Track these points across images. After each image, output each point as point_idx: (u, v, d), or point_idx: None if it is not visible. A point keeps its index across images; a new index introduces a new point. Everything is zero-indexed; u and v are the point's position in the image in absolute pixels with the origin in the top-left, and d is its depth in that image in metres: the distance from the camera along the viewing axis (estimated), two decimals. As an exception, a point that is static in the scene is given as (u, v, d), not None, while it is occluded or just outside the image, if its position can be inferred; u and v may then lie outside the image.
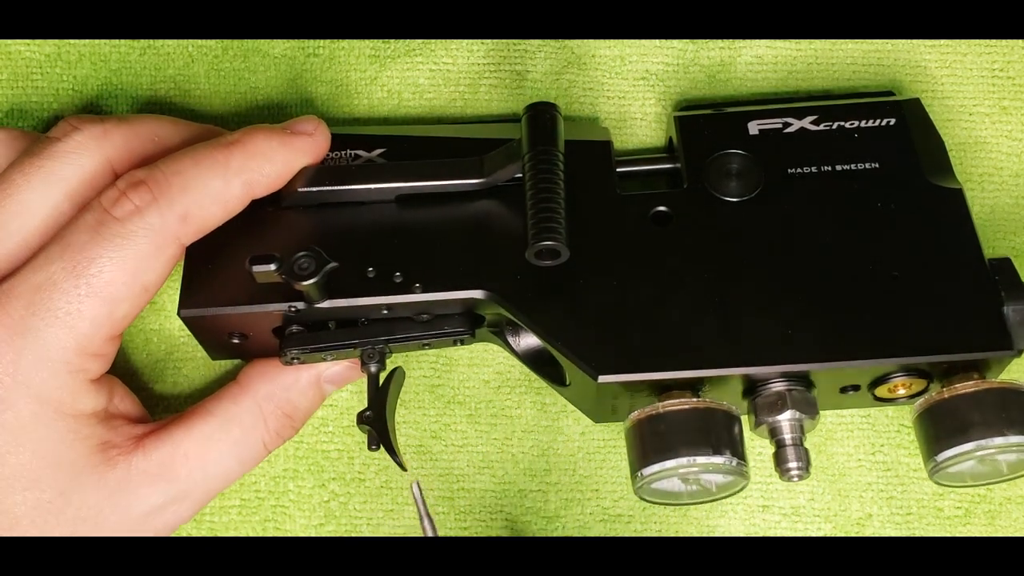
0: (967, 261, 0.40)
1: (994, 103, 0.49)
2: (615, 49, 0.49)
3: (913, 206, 0.42)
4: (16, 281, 0.37)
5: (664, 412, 0.38)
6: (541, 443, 0.45)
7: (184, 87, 0.49)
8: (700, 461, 0.38)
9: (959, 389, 0.38)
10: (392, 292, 0.40)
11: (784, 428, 0.40)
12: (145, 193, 0.38)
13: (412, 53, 0.49)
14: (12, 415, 0.37)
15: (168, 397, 0.46)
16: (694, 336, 0.40)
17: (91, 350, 0.38)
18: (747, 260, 0.41)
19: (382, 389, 0.41)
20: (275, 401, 0.42)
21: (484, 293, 0.40)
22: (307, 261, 0.38)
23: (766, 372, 0.39)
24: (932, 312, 0.39)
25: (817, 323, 0.39)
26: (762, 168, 0.43)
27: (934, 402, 0.39)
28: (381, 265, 0.41)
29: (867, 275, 0.40)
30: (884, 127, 0.44)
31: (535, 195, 0.40)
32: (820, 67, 0.49)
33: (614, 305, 0.40)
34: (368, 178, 0.42)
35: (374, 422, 0.40)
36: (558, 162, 0.40)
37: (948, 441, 0.38)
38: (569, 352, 0.39)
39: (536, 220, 0.39)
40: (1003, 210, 0.48)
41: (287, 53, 0.49)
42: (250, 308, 0.40)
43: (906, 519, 0.44)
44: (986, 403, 0.38)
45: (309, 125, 0.42)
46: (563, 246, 0.39)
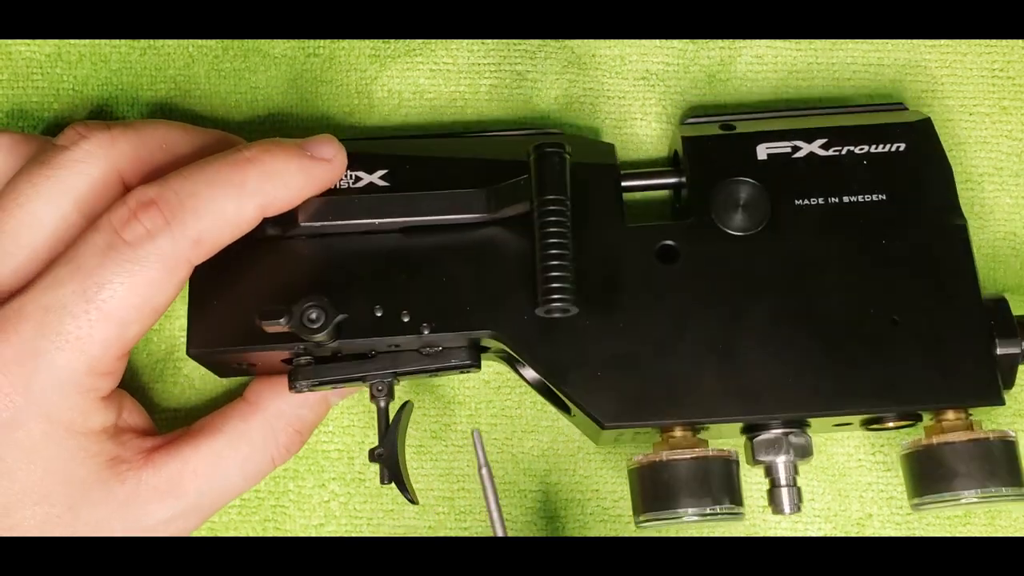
0: (964, 304, 0.41)
1: (994, 103, 0.49)
2: (615, 49, 0.49)
3: (917, 244, 0.42)
4: (26, 300, 0.37)
5: (667, 461, 0.39)
6: (541, 443, 0.45)
7: (184, 87, 0.49)
8: (702, 511, 0.39)
9: (946, 437, 0.39)
10: (400, 332, 0.40)
11: (779, 469, 0.41)
12: (157, 216, 0.37)
13: (412, 53, 0.49)
14: (24, 434, 0.37)
15: (168, 397, 0.46)
16: (696, 384, 0.40)
17: (101, 370, 0.38)
18: (751, 301, 0.41)
19: (392, 425, 0.41)
20: (286, 418, 0.42)
21: (491, 333, 0.40)
22: (316, 312, 0.38)
23: (765, 419, 0.40)
24: (928, 360, 0.40)
25: (817, 372, 0.40)
26: (769, 199, 0.42)
27: (921, 447, 0.40)
28: (388, 303, 0.40)
29: (868, 319, 0.41)
30: (893, 153, 0.43)
31: (544, 250, 0.39)
32: (820, 67, 0.49)
33: (619, 350, 0.40)
34: (373, 212, 0.42)
35: (385, 459, 0.40)
36: (566, 212, 0.40)
37: (931, 487, 0.39)
38: (575, 400, 0.40)
39: (545, 279, 0.39)
40: (1003, 210, 0.48)
41: (287, 53, 0.49)
42: (260, 349, 0.40)
43: (906, 519, 0.44)
44: (971, 454, 0.39)
45: (329, 150, 0.40)
46: (572, 306, 0.39)
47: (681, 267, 0.42)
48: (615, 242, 0.42)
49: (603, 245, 0.42)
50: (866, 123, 0.44)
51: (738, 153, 0.43)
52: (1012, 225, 0.48)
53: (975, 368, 0.40)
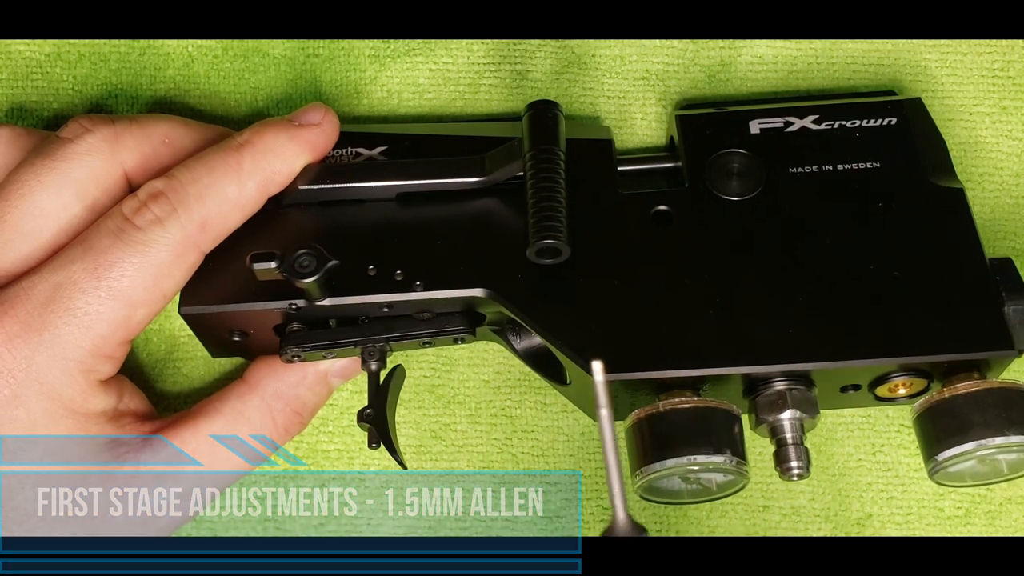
0: (968, 261, 0.40)
1: (994, 103, 0.49)
2: (615, 49, 0.49)
3: (914, 206, 0.42)
4: (35, 279, 0.37)
5: (665, 411, 0.38)
6: (541, 443, 0.45)
7: (184, 87, 0.49)
8: (700, 460, 0.38)
9: (959, 389, 0.38)
10: (393, 290, 0.40)
11: (785, 427, 0.40)
12: (165, 204, 0.38)
13: (412, 53, 0.49)
14: (24, 412, 0.37)
15: (169, 396, 0.46)
16: (694, 335, 0.40)
17: (105, 352, 0.38)
18: (748, 259, 0.41)
19: (382, 387, 0.41)
20: (284, 399, 0.42)
21: (484, 291, 0.40)
22: (307, 259, 0.38)
23: (767, 371, 0.39)
24: (933, 312, 0.39)
25: (818, 322, 0.39)
26: (763, 167, 0.43)
27: (934, 402, 0.39)
28: (382, 263, 0.41)
29: (868, 275, 0.40)
30: (885, 127, 0.44)
31: (536, 193, 0.40)
32: (820, 67, 0.49)
33: (614, 304, 0.40)
34: (369, 176, 0.42)
35: (375, 420, 0.40)
36: (559, 161, 0.40)
37: (948, 441, 0.38)
38: (569, 351, 0.39)
39: (537, 219, 0.39)
40: (1003, 210, 0.48)
41: (287, 53, 0.49)
42: (251, 306, 0.40)
43: (906, 519, 0.44)
44: (986, 403, 0.38)
45: (316, 114, 0.42)
46: (564, 244, 0.39)
47: (677, 229, 0.42)
48: (610, 206, 0.42)
49: (598, 209, 0.42)
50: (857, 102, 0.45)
51: (731, 128, 0.44)
52: (1013, 225, 0.48)
53: (983, 318, 0.39)
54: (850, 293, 0.40)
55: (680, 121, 0.45)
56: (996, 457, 0.38)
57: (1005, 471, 0.40)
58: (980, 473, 0.40)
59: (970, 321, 0.39)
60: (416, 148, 0.44)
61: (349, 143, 0.44)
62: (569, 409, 0.45)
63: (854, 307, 0.40)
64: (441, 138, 0.44)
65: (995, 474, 0.40)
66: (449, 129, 0.46)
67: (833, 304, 0.40)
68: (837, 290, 0.40)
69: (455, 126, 0.47)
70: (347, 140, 0.44)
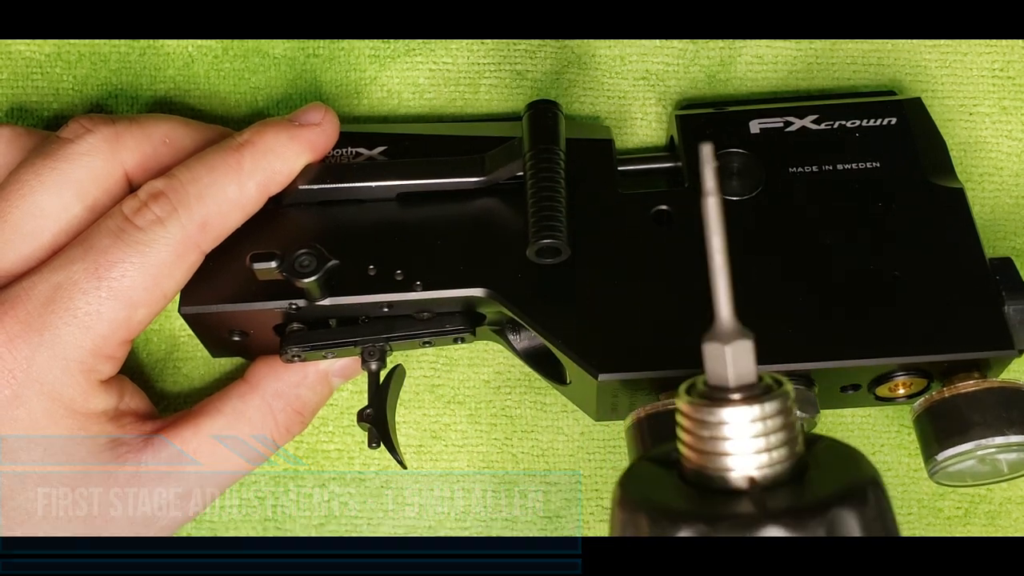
0: (968, 261, 0.41)
1: (994, 103, 0.49)
2: (615, 49, 0.49)
3: (914, 206, 0.42)
4: (36, 280, 0.38)
5: (665, 411, 0.38)
6: (541, 443, 0.45)
7: (184, 87, 0.49)
8: None
9: (959, 388, 0.38)
10: (393, 290, 0.40)
11: None
12: (165, 203, 0.38)
13: (412, 53, 0.49)
14: (25, 412, 0.37)
15: (169, 396, 0.46)
16: (694, 335, 0.40)
17: (106, 352, 0.38)
18: (748, 259, 0.41)
19: (382, 387, 0.41)
20: (285, 398, 0.42)
21: (484, 291, 0.40)
22: (308, 258, 0.38)
23: (766, 371, 0.39)
24: (933, 311, 0.39)
25: (818, 322, 0.40)
26: (763, 167, 0.43)
27: (934, 402, 0.39)
28: (382, 263, 0.41)
29: (868, 274, 0.40)
30: (885, 126, 0.44)
31: (536, 193, 0.40)
32: (820, 67, 0.49)
33: (614, 304, 0.40)
34: (369, 176, 0.42)
35: (375, 420, 0.40)
36: (559, 160, 0.40)
37: (948, 441, 0.38)
38: (569, 350, 0.39)
39: (537, 218, 0.39)
40: (1003, 210, 0.48)
41: (287, 53, 0.49)
42: (251, 306, 0.40)
43: (906, 519, 0.44)
44: (986, 403, 0.38)
45: (316, 114, 0.42)
46: (564, 244, 0.39)
47: (677, 229, 0.42)
48: (610, 206, 0.42)
49: (598, 209, 0.42)
50: (857, 102, 0.45)
51: (731, 128, 0.44)
52: (1013, 225, 0.48)
53: (983, 318, 0.39)
54: (850, 293, 0.40)
55: (680, 121, 0.45)
56: (996, 457, 0.38)
57: (1005, 471, 0.40)
58: (980, 473, 0.40)
59: (970, 321, 0.39)
60: (416, 148, 0.44)
61: (349, 143, 0.44)
62: (569, 409, 0.45)
63: (854, 307, 0.40)
64: (441, 138, 0.44)
65: (995, 474, 0.40)
66: (449, 129, 0.46)
67: (833, 304, 0.40)
68: (837, 290, 0.40)
69: (455, 126, 0.47)
70: (347, 140, 0.44)
